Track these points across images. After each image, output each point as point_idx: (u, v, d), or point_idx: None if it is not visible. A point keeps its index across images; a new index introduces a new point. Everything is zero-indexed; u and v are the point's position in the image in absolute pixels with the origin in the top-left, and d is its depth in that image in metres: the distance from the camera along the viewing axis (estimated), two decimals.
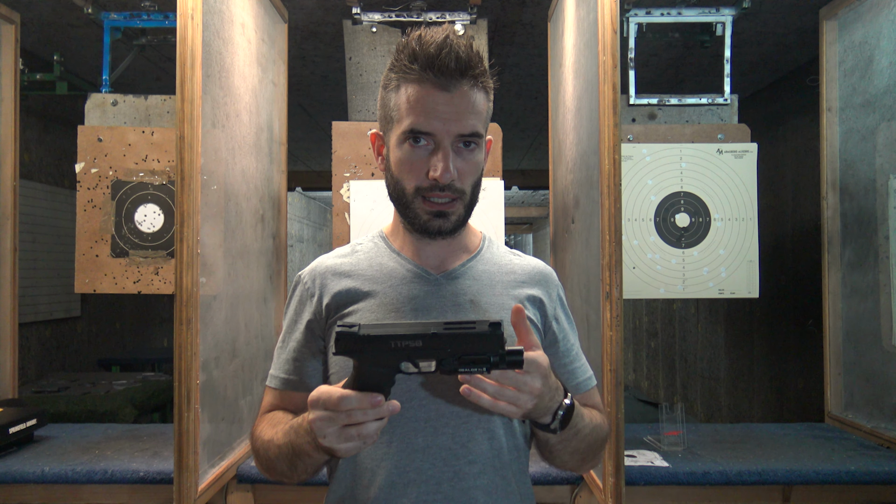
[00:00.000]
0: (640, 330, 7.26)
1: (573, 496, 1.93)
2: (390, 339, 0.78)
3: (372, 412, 0.77)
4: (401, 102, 0.93)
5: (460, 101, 0.91)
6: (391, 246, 1.04)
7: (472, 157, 0.95)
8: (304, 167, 7.20)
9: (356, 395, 0.77)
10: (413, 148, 0.93)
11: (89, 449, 2.07)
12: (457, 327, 0.78)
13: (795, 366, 3.91)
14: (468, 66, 0.91)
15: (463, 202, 0.95)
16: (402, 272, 1.00)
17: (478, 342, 0.77)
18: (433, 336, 0.77)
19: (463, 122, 0.92)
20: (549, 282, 1.06)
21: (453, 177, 0.92)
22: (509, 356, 0.78)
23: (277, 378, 1.02)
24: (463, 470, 0.92)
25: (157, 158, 2.31)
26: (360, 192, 2.33)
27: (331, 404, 0.77)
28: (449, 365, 0.78)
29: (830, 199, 2.47)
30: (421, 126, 0.91)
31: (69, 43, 3.33)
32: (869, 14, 2.29)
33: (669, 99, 2.44)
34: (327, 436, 0.78)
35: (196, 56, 1.66)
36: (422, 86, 0.91)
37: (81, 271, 2.27)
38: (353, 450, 0.79)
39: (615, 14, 1.66)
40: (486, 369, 0.78)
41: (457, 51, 0.90)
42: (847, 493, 1.93)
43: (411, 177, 0.94)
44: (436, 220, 0.94)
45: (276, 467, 0.93)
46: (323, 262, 1.05)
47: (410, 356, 0.78)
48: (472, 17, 2.53)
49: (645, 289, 2.33)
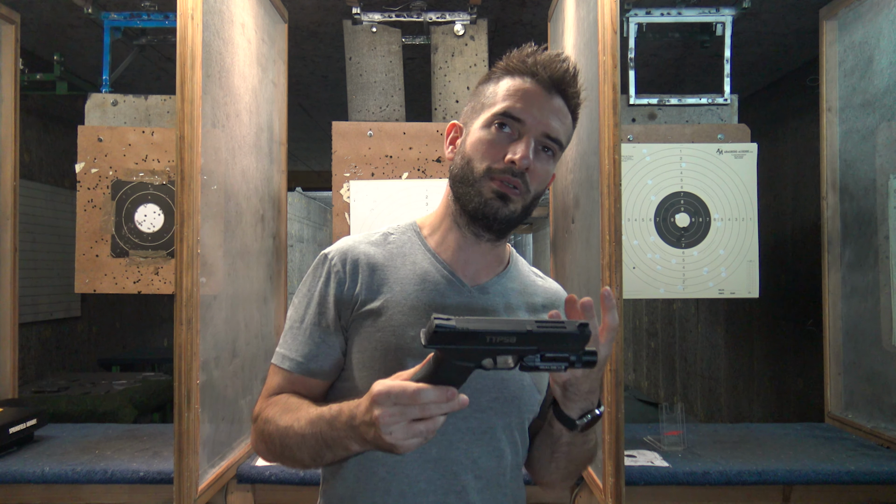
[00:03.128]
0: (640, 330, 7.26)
1: (573, 496, 1.93)
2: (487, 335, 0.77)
3: (446, 406, 0.75)
4: (499, 90, 0.95)
5: (556, 105, 0.95)
6: (425, 242, 1.02)
7: (547, 162, 0.96)
8: (304, 167, 7.20)
9: (435, 388, 0.74)
10: (498, 131, 0.94)
11: (89, 449, 2.07)
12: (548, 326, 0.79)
13: (795, 366, 3.91)
14: (574, 82, 0.95)
15: (524, 200, 0.95)
16: (436, 276, 0.98)
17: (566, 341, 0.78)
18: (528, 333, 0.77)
19: (553, 123, 0.94)
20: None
21: (531, 164, 0.92)
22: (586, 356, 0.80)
23: (293, 360, 0.96)
24: (470, 484, 0.94)
25: (157, 158, 2.31)
26: (360, 192, 2.33)
27: (406, 398, 0.74)
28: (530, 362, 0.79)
29: (830, 199, 2.47)
30: (515, 111, 0.93)
31: (69, 43, 3.33)
32: (869, 14, 2.29)
33: (669, 99, 2.44)
34: (394, 431, 0.74)
35: (196, 56, 1.66)
36: (525, 80, 0.94)
37: (81, 271, 2.27)
38: (415, 446, 0.76)
39: (615, 14, 1.66)
40: (564, 368, 0.80)
41: (570, 66, 0.95)
42: (847, 493, 1.93)
43: (486, 157, 0.94)
44: (496, 200, 0.93)
45: (294, 455, 0.89)
46: (356, 247, 1.00)
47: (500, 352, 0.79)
48: (472, 17, 2.53)
49: (645, 289, 2.33)
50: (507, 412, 0.96)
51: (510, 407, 0.96)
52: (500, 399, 0.96)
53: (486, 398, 0.95)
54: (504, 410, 0.96)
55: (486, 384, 0.95)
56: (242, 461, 1.97)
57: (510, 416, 0.97)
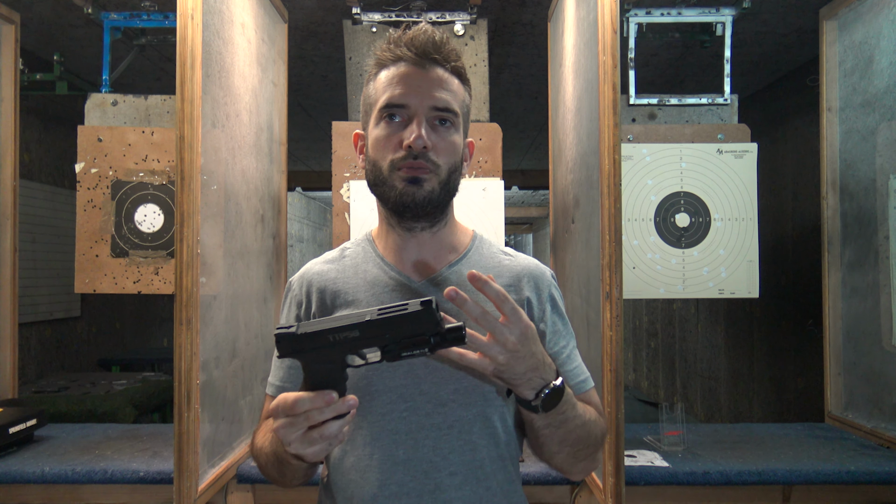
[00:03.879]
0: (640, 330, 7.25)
1: (573, 496, 1.93)
2: (328, 333, 0.77)
3: (328, 410, 0.76)
4: (378, 86, 0.96)
5: (435, 77, 0.95)
6: (376, 250, 1.04)
7: (447, 133, 0.95)
8: (304, 167, 7.20)
9: (308, 395, 0.76)
10: (388, 124, 0.94)
11: (89, 449, 2.07)
12: (390, 311, 0.77)
13: (795, 366, 3.91)
14: (441, 47, 0.95)
15: (438, 177, 0.94)
16: (384, 280, 0.99)
17: (412, 322, 0.76)
18: (368, 323, 0.76)
19: (436, 95, 0.93)
20: (540, 282, 1.02)
21: (426, 143, 0.92)
22: (450, 333, 0.76)
23: (274, 385, 1.03)
24: (444, 482, 0.92)
25: (157, 158, 2.31)
26: (360, 192, 2.33)
27: (287, 409, 0.76)
28: (392, 351, 0.77)
29: (830, 199, 2.47)
30: (395, 99, 0.93)
31: (69, 43, 3.33)
32: (869, 14, 2.29)
33: (669, 99, 2.44)
34: (292, 442, 0.77)
35: (196, 56, 1.66)
36: (397, 65, 0.95)
37: (81, 271, 2.27)
38: (321, 452, 0.78)
39: (615, 14, 1.66)
40: (428, 350, 0.77)
41: (432, 35, 0.95)
42: (847, 493, 1.93)
43: (386, 152, 0.94)
44: (410, 186, 0.92)
45: (269, 473, 0.96)
46: (311, 269, 1.05)
47: (352, 348, 0.78)
48: (472, 17, 2.53)
49: (645, 289, 2.33)
50: (472, 402, 0.94)
51: (473, 397, 0.94)
52: (461, 390, 0.94)
53: (445, 391, 0.94)
54: (467, 401, 0.94)
55: (443, 377, 0.93)
56: (242, 461, 1.97)
57: (476, 406, 0.94)
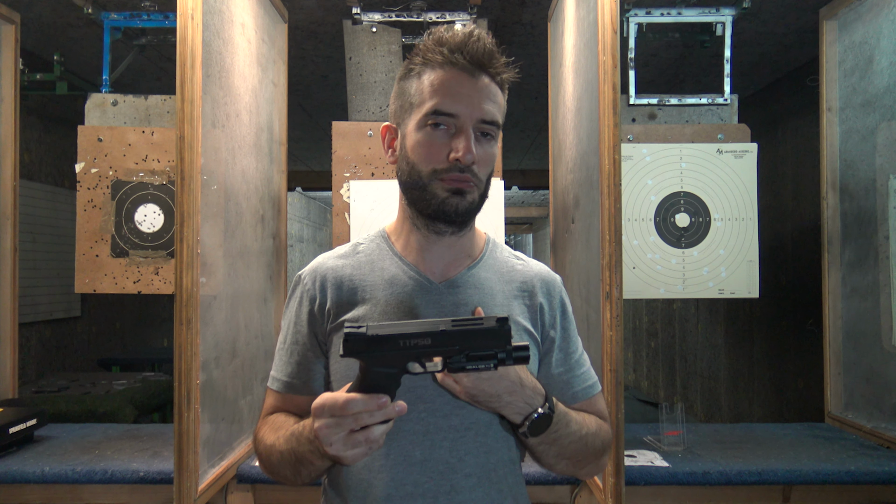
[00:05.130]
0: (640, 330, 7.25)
1: (573, 496, 1.93)
2: (399, 339, 0.77)
3: (379, 414, 0.76)
4: (423, 87, 0.93)
5: (484, 87, 0.93)
6: (393, 248, 1.02)
7: (489, 146, 0.95)
8: (304, 167, 7.20)
9: (362, 397, 0.76)
10: (434, 130, 0.93)
11: (89, 449, 2.07)
12: (465, 324, 0.78)
13: (795, 366, 3.91)
14: (493, 57, 0.93)
15: (479, 190, 0.95)
16: (403, 279, 0.98)
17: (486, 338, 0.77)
18: (442, 333, 0.77)
19: (485, 107, 0.93)
20: (552, 288, 1.04)
21: (475, 158, 0.92)
22: (516, 351, 0.78)
23: (279, 381, 1.01)
24: (459, 483, 0.92)
25: (157, 158, 2.31)
26: (360, 192, 2.33)
27: (336, 409, 0.76)
28: (456, 363, 0.78)
29: (830, 199, 2.47)
30: (446, 107, 0.91)
31: (69, 43, 3.33)
32: (869, 14, 2.29)
33: (669, 99, 2.44)
34: (334, 443, 0.77)
35: (196, 56, 1.66)
36: (446, 70, 0.92)
37: (81, 271, 2.27)
38: (360, 456, 0.78)
39: (615, 14, 1.66)
40: (494, 365, 0.78)
41: (484, 42, 0.93)
42: (847, 493, 1.93)
43: (430, 160, 0.93)
44: (454, 197, 0.93)
45: (280, 472, 0.93)
46: (324, 263, 1.03)
47: (419, 355, 0.78)
48: (472, 17, 2.53)
49: (645, 289, 2.33)
50: None
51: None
52: None
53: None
54: None
55: None
56: (242, 461, 1.97)
57: None
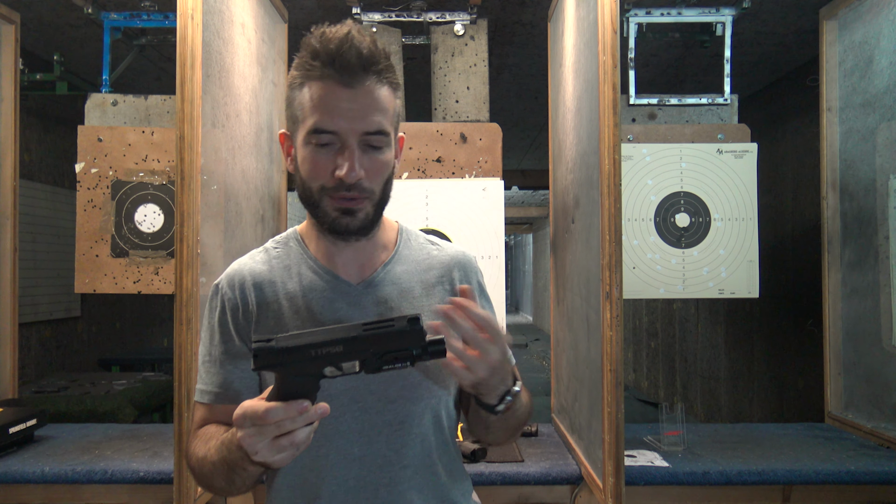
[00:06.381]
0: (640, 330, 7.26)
1: (573, 496, 1.93)
2: (310, 348, 0.76)
3: (300, 419, 0.76)
4: (304, 101, 0.91)
5: (364, 97, 0.90)
6: (307, 250, 1.02)
7: (379, 155, 0.93)
8: None
9: (282, 405, 0.75)
10: (318, 148, 0.91)
11: (89, 449, 2.07)
12: (375, 327, 0.77)
13: (795, 366, 3.91)
14: (370, 61, 0.89)
15: (371, 201, 0.94)
16: (320, 284, 0.98)
17: (398, 339, 0.77)
18: (353, 339, 0.77)
19: (368, 119, 0.90)
20: (468, 270, 1.05)
21: (360, 176, 0.90)
22: (431, 346, 0.78)
23: (208, 393, 0.98)
24: (397, 475, 0.95)
25: (157, 158, 2.31)
26: None
27: (257, 419, 0.75)
28: (372, 364, 0.78)
29: (830, 199, 2.47)
30: (325, 125, 0.89)
31: (69, 43, 3.33)
32: (869, 14, 2.29)
33: (669, 99, 2.44)
34: (259, 451, 0.76)
35: (196, 56, 1.66)
36: (324, 83, 0.89)
37: (81, 271, 2.27)
38: (288, 459, 0.78)
39: (615, 14, 1.66)
40: (410, 363, 0.78)
41: (358, 46, 0.88)
42: (847, 493, 1.93)
43: (316, 177, 0.92)
44: (343, 217, 0.92)
45: (214, 484, 0.92)
46: (241, 270, 1.01)
47: (332, 362, 0.77)
48: (472, 17, 2.53)
49: (645, 289, 2.33)
50: (419, 397, 0.96)
51: (420, 391, 0.96)
52: (408, 386, 0.95)
53: (393, 389, 0.95)
54: (415, 396, 0.96)
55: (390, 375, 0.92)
56: None
57: (423, 399, 0.96)
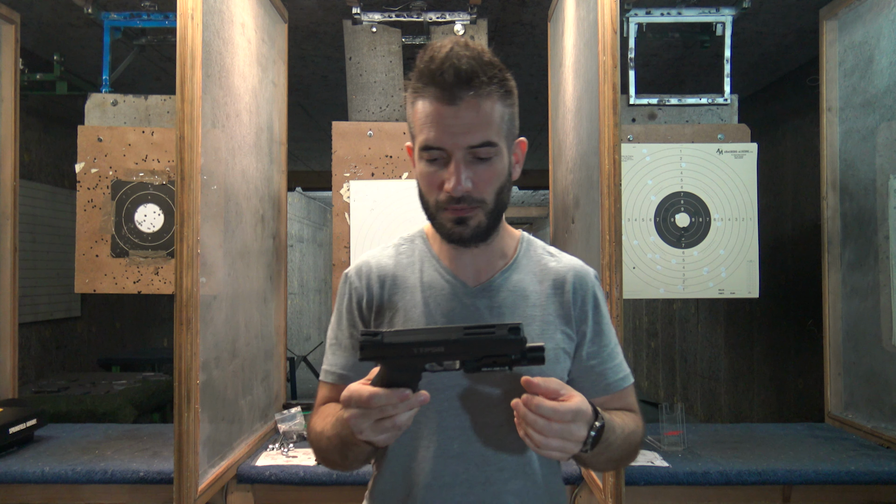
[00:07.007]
0: (640, 330, 7.26)
1: (573, 496, 1.93)
2: (412, 346, 0.82)
3: (402, 406, 0.82)
4: (415, 119, 0.97)
5: (466, 112, 0.92)
6: (431, 250, 1.07)
7: (488, 166, 0.96)
8: (304, 167, 7.20)
9: (385, 392, 0.81)
10: (429, 163, 0.96)
11: (89, 449, 2.07)
12: (476, 332, 0.81)
13: (795, 366, 3.91)
14: (470, 76, 0.91)
15: (484, 210, 0.97)
16: (440, 283, 1.03)
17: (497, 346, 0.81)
18: (454, 342, 0.81)
19: (471, 133, 0.93)
20: (585, 283, 1.06)
21: (466, 189, 0.94)
22: (530, 353, 0.82)
23: (332, 373, 1.06)
24: (493, 476, 0.98)
25: (157, 158, 2.31)
26: (360, 192, 2.34)
27: (362, 402, 0.81)
28: (471, 364, 0.83)
29: (830, 199, 2.47)
30: (431, 142, 0.94)
31: (69, 43, 3.33)
32: (869, 14, 2.29)
33: (669, 99, 2.44)
34: (364, 431, 0.83)
35: (196, 56, 1.66)
36: (429, 101, 0.94)
37: (81, 271, 2.27)
38: (391, 439, 0.85)
39: (615, 14, 1.66)
40: (509, 367, 0.82)
41: (457, 64, 0.90)
42: (847, 493, 1.93)
43: (430, 191, 0.98)
44: (457, 226, 0.97)
45: (330, 458, 0.99)
46: (368, 262, 1.08)
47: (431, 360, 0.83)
48: (472, 17, 2.53)
49: (645, 289, 2.33)
50: None
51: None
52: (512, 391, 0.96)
53: (498, 391, 0.98)
54: None
55: (497, 378, 0.97)
56: (242, 461, 1.97)
57: None
